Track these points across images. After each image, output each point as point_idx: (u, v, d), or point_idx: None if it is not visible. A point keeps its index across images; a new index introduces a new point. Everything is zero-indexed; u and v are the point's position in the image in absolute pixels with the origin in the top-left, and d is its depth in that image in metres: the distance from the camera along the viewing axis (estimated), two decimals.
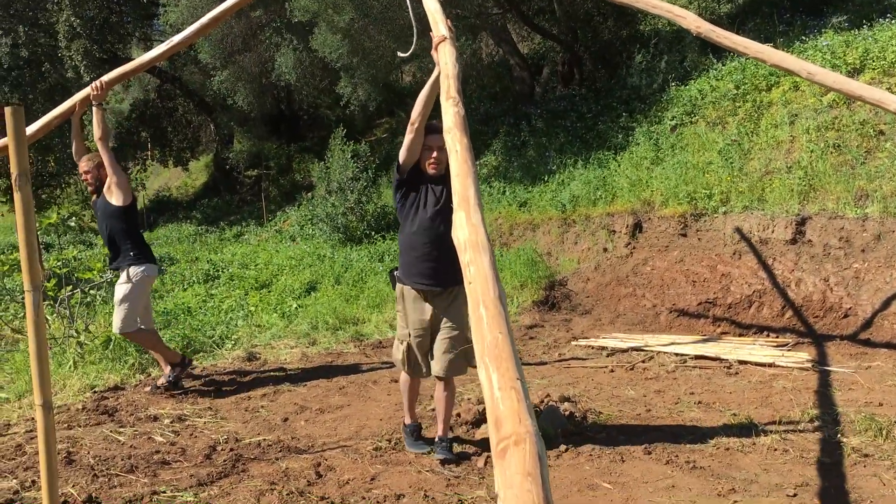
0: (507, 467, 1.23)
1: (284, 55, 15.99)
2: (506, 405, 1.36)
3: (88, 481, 4.05)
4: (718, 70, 10.73)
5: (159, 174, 28.39)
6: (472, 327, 1.70)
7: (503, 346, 1.51)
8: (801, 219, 7.60)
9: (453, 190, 2.21)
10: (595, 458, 4.23)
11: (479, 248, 1.86)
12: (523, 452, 1.24)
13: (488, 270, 1.78)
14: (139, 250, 5.93)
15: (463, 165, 2.24)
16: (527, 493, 1.16)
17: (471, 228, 1.94)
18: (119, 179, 5.90)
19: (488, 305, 1.64)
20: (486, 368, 1.49)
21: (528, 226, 10.97)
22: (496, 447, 1.29)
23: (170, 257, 15.59)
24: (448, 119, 2.63)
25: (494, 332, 1.56)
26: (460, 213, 2.04)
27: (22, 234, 2.11)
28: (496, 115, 15.39)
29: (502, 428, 1.32)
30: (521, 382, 1.42)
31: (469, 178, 2.16)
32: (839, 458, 4.11)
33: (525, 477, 1.19)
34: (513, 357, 1.49)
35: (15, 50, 16.42)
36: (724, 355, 6.39)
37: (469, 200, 2.06)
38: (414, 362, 4.43)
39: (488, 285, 1.71)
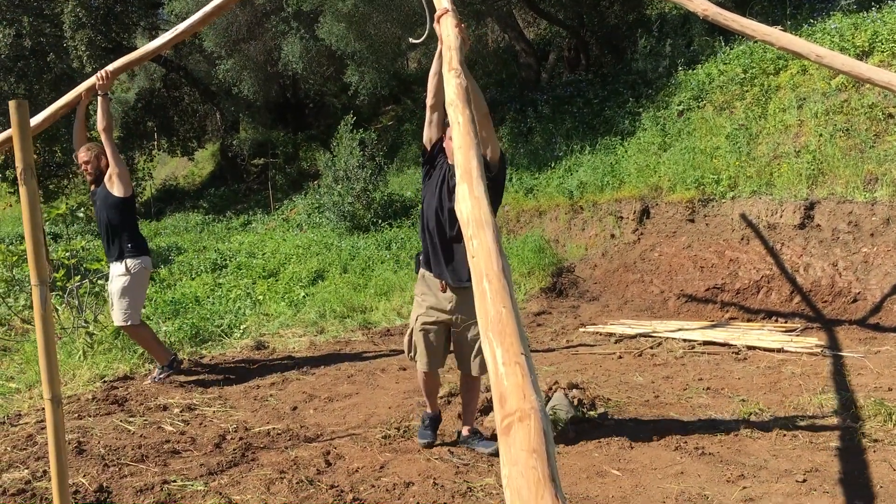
0: (512, 444, 1.21)
1: (291, 43, 15.95)
2: (510, 381, 1.34)
3: (99, 471, 4.07)
4: (726, 54, 10.65)
5: (166, 164, 28.42)
6: (476, 302, 1.67)
7: (507, 321, 1.49)
8: (810, 203, 7.56)
9: (456, 163, 2.16)
10: (604, 445, 4.24)
11: (481, 222, 1.83)
12: (528, 429, 1.23)
13: (492, 244, 1.73)
14: (135, 242, 5.92)
15: (465, 138, 2.19)
16: (531, 470, 1.15)
17: (473, 202, 1.90)
18: (121, 170, 5.88)
19: (492, 279, 1.62)
20: (489, 343, 1.47)
21: (535, 212, 10.95)
22: (501, 424, 1.27)
23: (177, 247, 15.63)
24: (450, 91, 2.59)
25: (498, 307, 1.54)
26: (463, 185, 2.00)
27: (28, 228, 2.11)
28: (502, 102, 15.33)
29: (507, 404, 1.30)
30: (525, 357, 1.40)
31: (472, 151, 2.12)
32: (849, 443, 4.10)
33: (530, 454, 1.18)
34: (517, 332, 1.46)
35: (19, 40, 16.41)
36: (733, 341, 6.38)
37: (472, 173, 2.02)
38: (416, 351, 4.35)
39: (492, 259, 1.67)
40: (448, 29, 3.54)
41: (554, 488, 1.12)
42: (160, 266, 13.21)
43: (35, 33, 16.70)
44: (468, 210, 1.90)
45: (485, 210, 1.87)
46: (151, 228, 19.40)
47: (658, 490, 3.63)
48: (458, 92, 2.52)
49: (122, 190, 5.88)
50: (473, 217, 1.85)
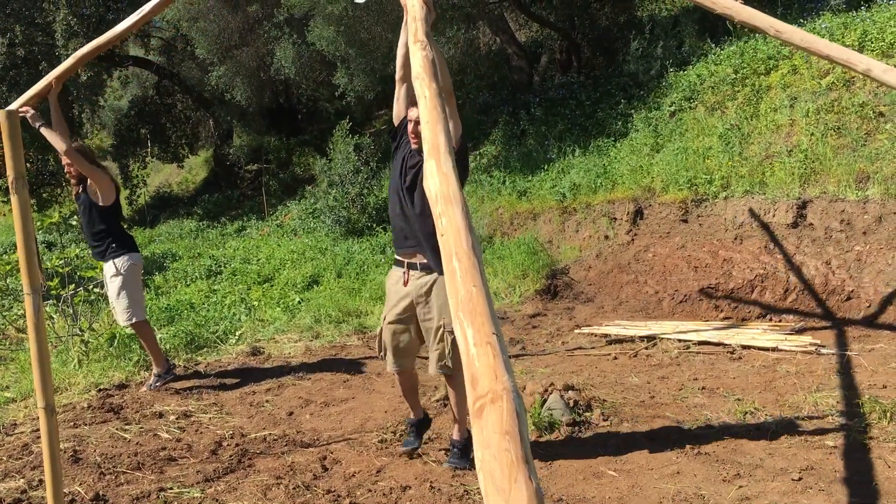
0: (485, 426, 1.20)
1: (283, 49, 15.95)
2: (481, 362, 1.31)
3: (95, 479, 4.07)
4: (717, 55, 10.68)
5: (160, 171, 28.36)
6: (446, 281, 1.60)
7: (478, 300, 1.44)
8: (802, 202, 7.59)
9: (423, 138, 2.08)
10: (600, 446, 4.25)
11: (450, 198, 1.76)
12: (500, 410, 1.21)
13: (461, 221, 1.68)
14: (120, 242, 5.92)
15: (433, 112, 2.12)
16: (504, 453, 1.14)
17: (441, 178, 1.84)
18: (101, 181, 5.79)
19: (461, 258, 1.56)
20: (460, 324, 1.43)
21: (528, 215, 10.97)
22: (473, 406, 1.25)
23: (172, 253, 15.60)
24: (416, 64, 2.48)
25: (468, 286, 1.49)
26: (430, 161, 1.93)
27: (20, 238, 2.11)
28: (495, 105, 15.36)
29: (478, 385, 1.28)
30: (497, 337, 1.37)
31: (439, 125, 2.05)
32: (844, 441, 4.12)
33: (503, 436, 1.17)
34: (488, 311, 1.43)
35: (12, 49, 16.39)
36: (728, 340, 6.40)
37: (439, 148, 1.95)
38: (385, 350, 4.21)
39: (461, 236, 1.62)
40: None
41: (528, 470, 1.11)
42: (154, 273, 13.19)
43: (27, 42, 16.67)
44: (436, 186, 1.83)
45: (453, 186, 1.81)
46: (146, 235, 19.37)
47: (654, 490, 3.64)
48: (424, 65, 2.42)
49: (106, 199, 5.85)
50: (442, 193, 1.80)
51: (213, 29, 16.99)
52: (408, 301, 4.06)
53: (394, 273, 4.18)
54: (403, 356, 4.17)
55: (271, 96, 20.26)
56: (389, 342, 4.14)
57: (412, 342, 4.16)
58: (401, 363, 4.17)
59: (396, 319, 4.11)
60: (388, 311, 4.15)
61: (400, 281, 4.10)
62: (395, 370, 4.21)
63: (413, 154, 4.05)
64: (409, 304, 4.06)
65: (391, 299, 4.16)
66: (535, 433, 4.43)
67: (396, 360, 4.16)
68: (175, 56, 22.01)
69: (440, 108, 2.14)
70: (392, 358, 4.16)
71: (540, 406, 4.62)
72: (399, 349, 4.14)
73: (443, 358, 3.99)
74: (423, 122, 2.14)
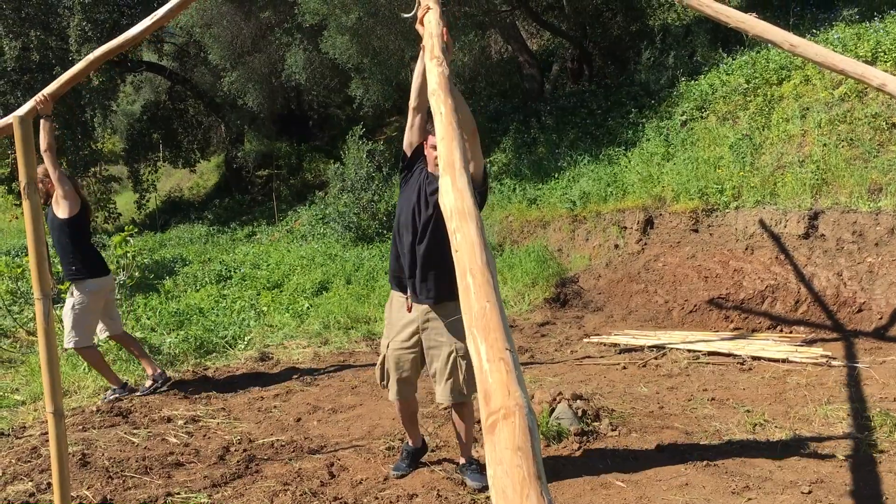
0: (497, 443, 1.20)
1: (294, 55, 16.02)
2: (494, 377, 1.32)
3: (103, 483, 4.08)
4: (728, 64, 10.67)
5: (171, 175, 28.50)
6: (461, 297, 1.60)
7: (491, 316, 1.45)
8: (814, 213, 7.55)
9: (439, 154, 2.08)
10: (608, 456, 4.23)
11: (465, 214, 1.77)
12: (513, 426, 1.21)
13: (475, 237, 1.69)
14: (82, 265, 5.77)
15: (448, 128, 2.13)
16: (517, 469, 1.14)
17: (456, 194, 1.86)
18: (64, 191, 5.69)
19: (475, 274, 1.58)
20: (473, 340, 1.44)
21: (538, 223, 10.96)
22: (486, 422, 1.25)
23: (182, 258, 15.65)
24: (432, 80, 2.49)
25: (482, 302, 1.50)
26: (446, 177, 1.95)
27: (31, 242, 2.12)
28: (506, 113, 15.37)
29: (491, 402, 1.28)
30: (510, 353, 1.37)
31: (454, 142, 2.06)
32: (855, 454, 4.09)
33: (515, 452, 1.17)
34: (501, 327, 1.43)
35: (26, 53, 16.53)
36: (737, 351, 6.37)
37: (454, 165, 1.97)
38: (388, 379, 4.05)
39: (475, 252, 1.64)
40: (430, 17, 3.40)
41: (539, 486, 1.11)
42: (165, 277, 13.23)
43: (42, 47, 16.81)
44: (451, 203, 1.85)
45: (468, 202, 1.83)
46: (156, 240, 19.43)
47: (663, 501, 3.62)
48: (440, 81, 2.43)
49: (66, 211, 5.72)
50: (457, 209, 1.81)
51: (225, 35, 17.08)
52: (413, 327, 3.91)
53: (395, 299, 4.03)
54: (407, 384, 4.02)
55: (283, 102, 20.35)
56: (394, 370, 3.99)
57: (416, 370, 4.02)
58: (405, 392, 4.03)
59: (401, 347, 3.95)
60: (392, 339, 3.99)
61: (403, 307, 3.94)
62: (398, 399, 4.06)
63: (432, 180, 3.84)
64: (415, 330, 3.91)
65: (394, 326, 4.00)
66: (543, 442, 4.41)
67: (401, 388, 4.01)
68: (188, 61, 22.16)
69: (455, 125, 2.14)
70: (396, 387, 4.01)
71: (548, 415, 4.61)
72: (403, 378, 3.99)
73: (456, 385, 3.83)
74: (438, 138, 2.13)
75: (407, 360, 3.95)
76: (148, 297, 11.10)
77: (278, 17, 17.03)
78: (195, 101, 24.55)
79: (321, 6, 12.87)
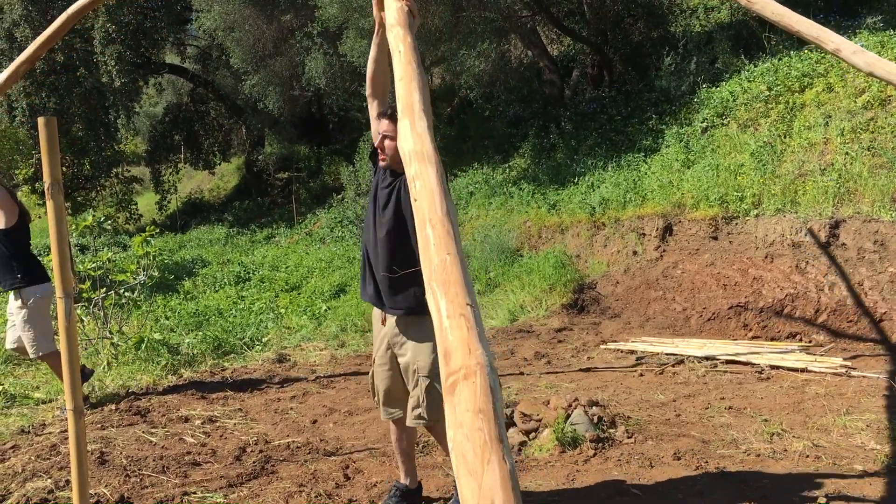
0: (457, 404, 1.13)
1: (314, 60, 16.11)
2: (455, 335, 1.24)
3: (121, 481, 4.11)
4: (750, 71, 10.60)
5: (192, 177, 28.74)
6: (420, 249, 1.48)
7: (452, 270, 1.36)
8: (835, 222, 7.49)
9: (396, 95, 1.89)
10: (623, 464, 4.21)
11: (424, 158, 1.66)
12: (474, 387, 1.14)
13: (435, 185, 1.58)
14: (25, 272, 5.63)
15: (407, 68, 1.96)
16: (477, 432, 1.08)
17: (415, 138, 1.73)
18: (2, 201, 5.56)
19: (435, 224, 1.48)
20: (433, 295, 1.35)
21: (557, 228, 10.94)
22: (445, 382, 1.18)
23: (202, 259, 15.77)
24: (390, 15, 2.30)
25: (442, 255, 1.41)
26: (404, 121, 1.81)
27: (54, 242, 2.15)
28: (525, 118, 15.36)
29: (451, 361, 1.21)
30: (471, 309, 1.29)
31: (413, 83, 1.91)
32: (872, 466, 4.05)
33: (476, 414, 1.10)
34: (462, 281, 1.34)
35: (52, 55, 16.74)
36: (756, 360, 6.32)
37: (413, 107, 1.82)
38: (376, 395, 3.73)
39: (435, 201, 1.53)
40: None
41: (501, 449, 1.06)
42: (184, 278, 13.33)
43: (66, 48, 17.02)
44: (409, 147, 1.73)
45: (427, 146, 1.71)
46: (176, 241, 19.59)
47: None
48: (398, 16, 2.24)
49: (3, 221, 5.57)
50: (416, 153, 1.69)
51: (247, 39, 17.21)
52: (385, 341, 3.60)
53: (375, 310, 3.72)
54: (394, 402, 3.65)
55: (303, 106, 20.48)
56: (379, 386, 3.68)
57: (398, 387, 3.63)
58: (392, 411, 3.66)
59: (380, 362, 3.65)
60: (376, 352, 3.70)
61: (379, 318, 3.65)
62: (388, 418, 3.71)
63: (386, 175, 3.53)
64: (387, 345, 3.60)
65: (376, 338, 3.72)
66: (558, 448, 4.40)
67: (387, 406, 3.67)
68: (210, 64, 22.34)
69: (415, 64, 1.99)
70: (383, 404, 3.69)
71: (564, 421, 4.59)
72: (389, 394, 3.65)
73: (417, 407, 3.48)
74: (396, 79, 1.96)
75: (387, 378, 3.63)
76: (168, 297, 11.19)
77: (299, 21, 17.14)
78: (217, 103, 24.76)
79: (340, 13, 12.95)
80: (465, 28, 12.79)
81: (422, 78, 1.96)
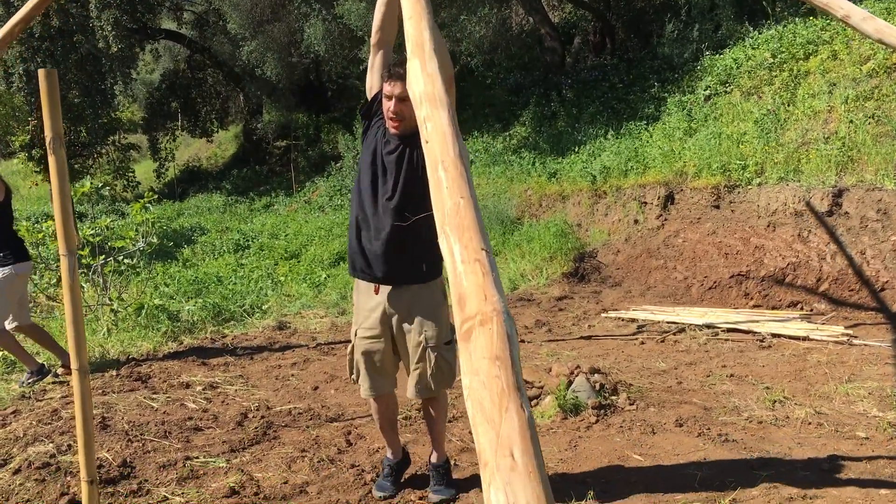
0: (473, 351, 1.10)
1: (313, 26, 15.93)
2: (469, 280, 1.20)
3: (123, 446, 4.11)
4: (754, 38, 10.49)
5: (189, 145, 28.59)
6: (432, 192, 1.43)
7: (465, 213, 1.32)
8: (838, 190, 7.44)
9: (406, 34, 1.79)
10: (625, 430, 4.21)
11: (435, 100, 1.60)
12: (490, 333, 1.11)
13: (447, 126, 1.53)
14: (8, 249, 5.54)
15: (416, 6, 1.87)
16: (495, 380, 1.05)
17: (426, 79, 1.66)
18: None
19: (448, 167, 1.43)
20: (447, 239, 1.31)
21: (557, 197, 10.89)
22: (460, 329, 1.15)
23: (200, 227, 15.72)
24: None
25: (455, 198, 1.36)
26: (414, 61, 1.73)
27: (57, 198, 2.11)
28: (526, 86, 15.24)
29: (466, 307, 1.17)
30: (486, 253, 1.25)
31: (423, 21, 1.81)
32: (874, 433, 4.05)
33: (493, 361, 1.07)
34: (476, 225, 1.30)
35: (47, 20, 16.53)
36: (757, 328, 6.32)
37: (423, 47, 1.74)
38: (358, 373, 3.51)
39: (447, 143, 1.49)
40: None
41: (519, 398, 1.03)
42: (183, 246, 13.30)
43: (62, 13, 16.80)
44: (420, 88, 1.66)
45: (439, 88, 1.65)
46: (175, 209, 19.53)
47: (681, 476, 3.61)
48: None
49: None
50: (427, 95, 1.63)
51: (245, 3, 17.01)
52: (380, 311, 3.38)
53: (361, 281, 3.49)
54: (381, 378, 3.48)
55: (301, 73, 20.29)
56: (362, 361, 3.46)
57: (389, 360, 3.47)
58: (378, 386, 3.48)
59: (369, 335, 3.42)
60: (360, 326, 3.46)
61: (370, 288, 3.42)
62: (372, 395, 3.51)
63: (389, 139, 3.35)
64: (383, 315, 3.38)
65: (361, 310, 3.46)
66: (560, 415, 4.41)
67: (372, 382, 3.47)
68: (207, 30, 22.11)
69: (425, 2, 1.89)
70: (367, 381, 3.47)
71: (565, 388, 4.59)
72: (375, 369, 3.46)
73: (423, 379, 3.38)
74: (405, 17, 1.85)
75: (377, 351, 3.43)
76: (167, 264, 11.16)
77: None
78: (214, 70, 24.53)
79: None
80: None
81: (431, 17, 1.85)
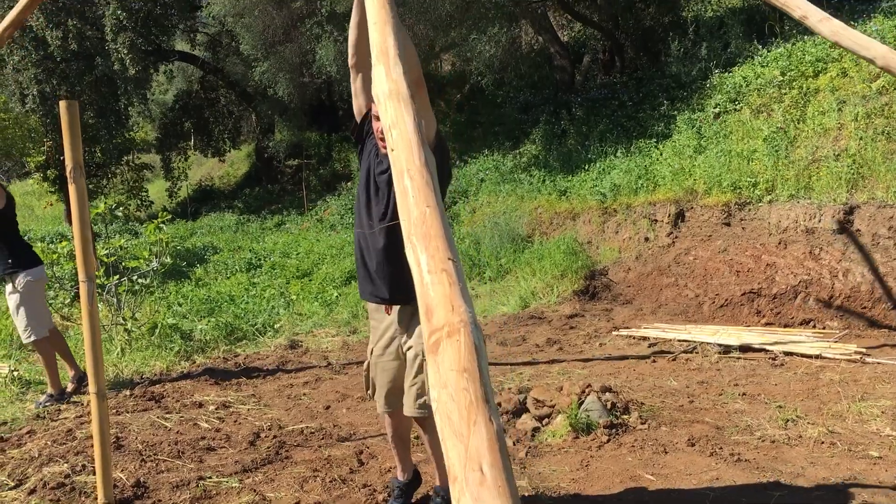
0: (441, 363, 1.08)
1: (325, 47, 16.06)
2: (436, 291, 1.18)
3: (137, 466, 4.14)
4: (763, 56, 10.51)
5: (202, 164, 28.78)
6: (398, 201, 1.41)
7: (432, 222, 1.30)
8: (849, 208, 7.43)
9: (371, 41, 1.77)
10: (637, 450, 4.21)
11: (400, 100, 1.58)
12: (458, 345, 1.09)
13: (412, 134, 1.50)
14: (17, 256, 5.62)
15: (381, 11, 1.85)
16: (463, 392, 1.03)
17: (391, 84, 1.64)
18: None
19: (414, 175, 1.40)
20: (413, 249, 1.29)
21: (568, 215, 10.91)
22: (428, 341, 1.14)
23: (213, 246, 15.81)
24: None
25: (422, 207, 1.34)
26: (379, 67, 1.71)
27: (77, 226, 2.15)
28: (536, 104, 15.29)
29: (433, 318, 1.16)
30: (453, 264, 1.23)
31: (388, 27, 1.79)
32: (887, 452, 4.03)
33: (461, 374, 1.05)
34: (443, 234, 1.28)
35: (65, 42, 16.74)
36: (770, 346, 6.30)
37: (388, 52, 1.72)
38: (374, 389, 3.59)
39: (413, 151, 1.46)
40: None
41: (488, 410, 1.02)
42: (196, 265, 13.38)
43: (79, 36, 17.02)
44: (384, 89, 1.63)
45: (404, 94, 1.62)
46: (187, 228, 19.65)
47: (693, 496, 3.60)
48: None
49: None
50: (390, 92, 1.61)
51: (257, 25, 17.16)
52: (393, 330, 3.46)
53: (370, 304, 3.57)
54: (395, 395, 3.52)
55: (313, 93, 20.43)
56: (379, 379, 3.53)
57: (402, 377, 3.50)
58: (393, 402, 3.54)
59: (383, 354, 3.50)
60: (375, 344, 3.55)
61: (381, 309, 3.50)
62: (387, 411, 3.59)
63: (381, 159, 3.36)
64: (394, 335, 3.46)
65: (377, 329, 3.55)
66: (571, 434, 4.41)
67: (388, 399, 3.54)
68: (220, 51, 22.31)
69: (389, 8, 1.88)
70: (383, 398, 3.55)
71: (577, 407, 4.60)
72: (390, 386, 3.51)
73: (421, 395, 3.34)
74: (370, 23, 1.84)
75: (391, 369, 3.49)
76: (179, 284, 11.23)
77: (309, 7, 17.07)
78: (226, 90, 24.74)
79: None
80: (476, 13, 12.71)
81: (396, 22, 1.84)
